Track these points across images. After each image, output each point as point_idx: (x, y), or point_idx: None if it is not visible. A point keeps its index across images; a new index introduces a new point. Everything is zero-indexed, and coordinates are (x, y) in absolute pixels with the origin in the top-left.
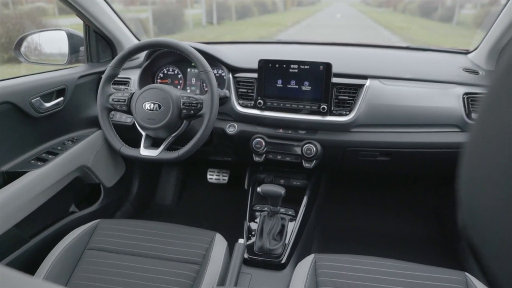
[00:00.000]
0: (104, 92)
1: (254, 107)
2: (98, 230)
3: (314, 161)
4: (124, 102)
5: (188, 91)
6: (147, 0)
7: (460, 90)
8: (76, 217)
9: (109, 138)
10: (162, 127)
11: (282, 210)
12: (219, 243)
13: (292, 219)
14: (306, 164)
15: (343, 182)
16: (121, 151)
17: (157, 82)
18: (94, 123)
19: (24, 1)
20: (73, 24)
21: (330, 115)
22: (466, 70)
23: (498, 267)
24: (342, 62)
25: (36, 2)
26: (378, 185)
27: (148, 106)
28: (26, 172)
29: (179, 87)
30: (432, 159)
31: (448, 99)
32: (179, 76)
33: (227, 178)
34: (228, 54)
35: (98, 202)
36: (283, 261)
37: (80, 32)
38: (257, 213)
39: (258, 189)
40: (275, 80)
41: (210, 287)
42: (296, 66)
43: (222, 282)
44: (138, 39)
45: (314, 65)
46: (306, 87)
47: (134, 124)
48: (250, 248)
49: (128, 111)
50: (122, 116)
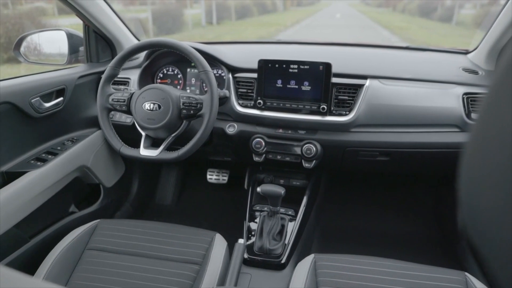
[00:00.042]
0: (103, 92)
1: (254, 107)
2: (98, 230)
3: (314, 161)
4: (124, 102)
5: (188, 91)
6: (147, 0)
7: (459, 90)
8: (76, 217)
9: (108, 138)
10: (162, 127)
11: (282, 210)
12: (219, 243)
13: (292, 219)
14: (306, 164)
15: (343, 182)
16: (120, 151)
17: (156, 82)
18: (93, 123)
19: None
20: (72, 24)
21: (330, 115)
22: (466, 70)
23: (498, 267)
24: (341, 62)
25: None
26: (378, 185)
27: (147, 106)
28: (26, 172)
29: (178, 87)
30: (432, 159)
31: (448, 99)
32: (179, 76)
33: (227, 178)
34: (227, 54)
35: (97, 202)
36: (283, 261)
37: (79, 32)
38: (257, 213)
39: (258, 189)
40: (275, 80)
41: (210, 287)
42: (296, 66)
43: (222, 282)
44: (137, 39)
45: (313, 65)
46: (306, 87)
47: (134, 124)
48: (250, 248)
49: (128, 111)
50: (121, 116)
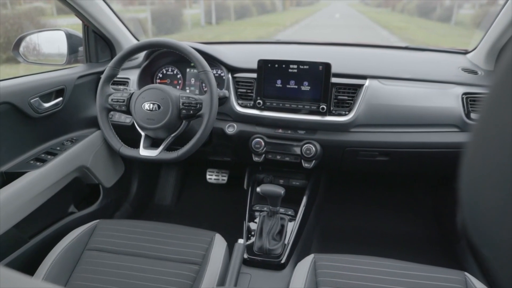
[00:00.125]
0: (103, 92)
1: (254, 107)
2: (97, 231)
3: (314, 161)
4: (123, 102)
5: (187, 91)
6: (146, 0)
7: (459, 90)
8: (75, 217)
9: (108, 138)
10: (162, 127)
11: (282, 210)
12: (219, 243)
13: (292, 219)
14: (306, 164)
15: (343, 182)
16: (120, 151)
17: (156, 82)
18: (93, 124)
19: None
20: (71, 24)
21: (330, 115)
22: (465, 70)
23: (498, 267)
24: (341, 62)
25: (34, 2)
26: (377, 185)
27: (147, 106)
28: (25, 172)
29: (178, 87)
30: (431, 159)
31: (447, 99)
32: (178, 76)
33: (226, 178)
34: (227, 54)
35: (97, 202)
36: (283, 261)
37: (79, 32)
38: (256, 213)
39: (258, 189)
40: (275, 80)
41: (209, 287)
42: (295, 66)
43: (222, 282)
44: (137, 39)
45: (313, 65)
46: (306, 87)
47: (134, 124)
48: (249, 248)
49: (127, 111)
50: (121, 116)
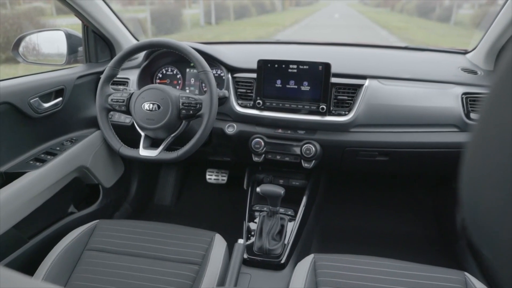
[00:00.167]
0: (103, 92)
1: (253, 107)
2: (97, 231)
3: (313, 161)
4: (123, 102)
5: (187, 91)
6: (145, 0)
7: (458, 90)
8: (75, 217)
9: (108, 138)
10: (161, 127)
11: (282, 210)
12: (219, 243)
13: (292, 219)
14: (305, 164)
15: (342, 182)
16: (120, 152)
17: (156, 83)
18: (93, 124)
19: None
20: (71, 24)
21: (329, 115)
22: (465, 70)
23: (499, 267)
24: (341, 62)
25: (33, 2)
26: (377, 185)
27: (147, 106)
28: (25, 172)
29: (178, 87)
30: (431, 159)
31: (447, 99)
32: (178, 76)
33: (226, 178)
34: (227, 54)
35: (97, 202)
36: (283, 261)
37: (78, 32)
38: (256, 213)
39: (258, 189)
40: (274, 80)
41: (209, 287)
42: (295, 66)
43: (222, 282)
44: (136, 39)
45: (313, 65)
46: (305, 87)
47: (133, 124)
48: (249, 248)
49: (127, 112)
50: (121, 116)
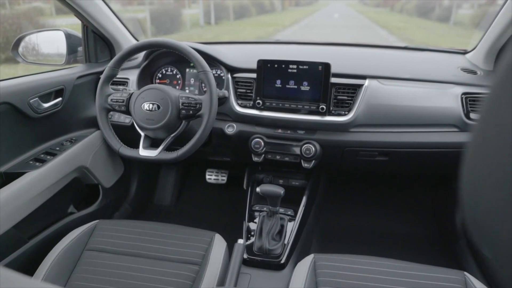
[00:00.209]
0: (102, 92)
1: (253, 107)
2: (96, 231)
3: (313, 161)
4: (123, 102)
5: (187, 91)
6: (145, 0)
7: (458, 90)
8: (75, 217)
9: (107, 138)
10: (161, 127)
11: (281, 210)
12: (218, 243)
13: (291, 219)
14: (305, 164)
15: (342, 182)
16: (120, 152)
17: (155, 83)
18: (92, 124)
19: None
20: (70, 24)
21: (329, 115)
22: (464, 70)
23: (498, 267)
24: (340, 62)
25: (33, 2)
26: (377, 185)
27: (147, 106)
28: (25, 173)
29: (177, 87)
30: (431, 159)
31: (446, 99)
32: (178, 76)
33: (226, 178)
34: (226, 54)
35: (96, 202)
36: (283, 261)
37: (78, 32)
38: (256, 213)
39: (257, 189)
40: (274, 80)
41: (209, 287)
42: (295, 66)
43: (222, 282)
44: (136, 39)
45: (313, 65)
46: (305, 87)
47: (133, 124)
48: (249, 248)
49: (127, 112)
50: (120, 116)
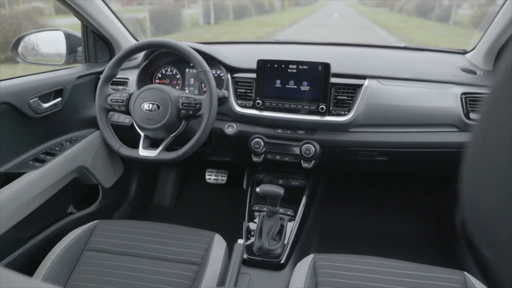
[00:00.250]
0: (102, 92)
1: (253, 107)
2: (96, 231)
3: (313, 161)
4: (123, 102)
5: (187, 91)
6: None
7: (458, 90)
8: (75, 218)
9: (107, 138)
10: (161, 127)
11: (281, 210)
12: (218, 243)
13: (291, 219)
14: (305, 164)
15: (342, 182)
16: (119, 152)
17: (155, 83)
18: (92, 124)
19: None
20: (70, 24)
21: (329, 115)
22: (464, 70)
23: (499, 267)
24: (340, 62)
25: (32, 2)
26: (377, 185)
27: (146, 106)
28: (24, 173)
29: (177, 87)
30: (430, 159)
31: (446, 99)
32: (178, 76)
33: (225, 179)
34: (226, 54)
35: (96, 203)
36: (282, 261)
37: (77, 32)
38: (256, 213)
39: (257, 189)
40: (274, 80)
41: (209, 287)
42: (294, 66)
43: (222, 282)
44: (136, 39)
45: (312, 65)
46: (305, 87)
47: (133, 124)
48: (249, 249)
49: (127, 112)
50: (120, 116)
